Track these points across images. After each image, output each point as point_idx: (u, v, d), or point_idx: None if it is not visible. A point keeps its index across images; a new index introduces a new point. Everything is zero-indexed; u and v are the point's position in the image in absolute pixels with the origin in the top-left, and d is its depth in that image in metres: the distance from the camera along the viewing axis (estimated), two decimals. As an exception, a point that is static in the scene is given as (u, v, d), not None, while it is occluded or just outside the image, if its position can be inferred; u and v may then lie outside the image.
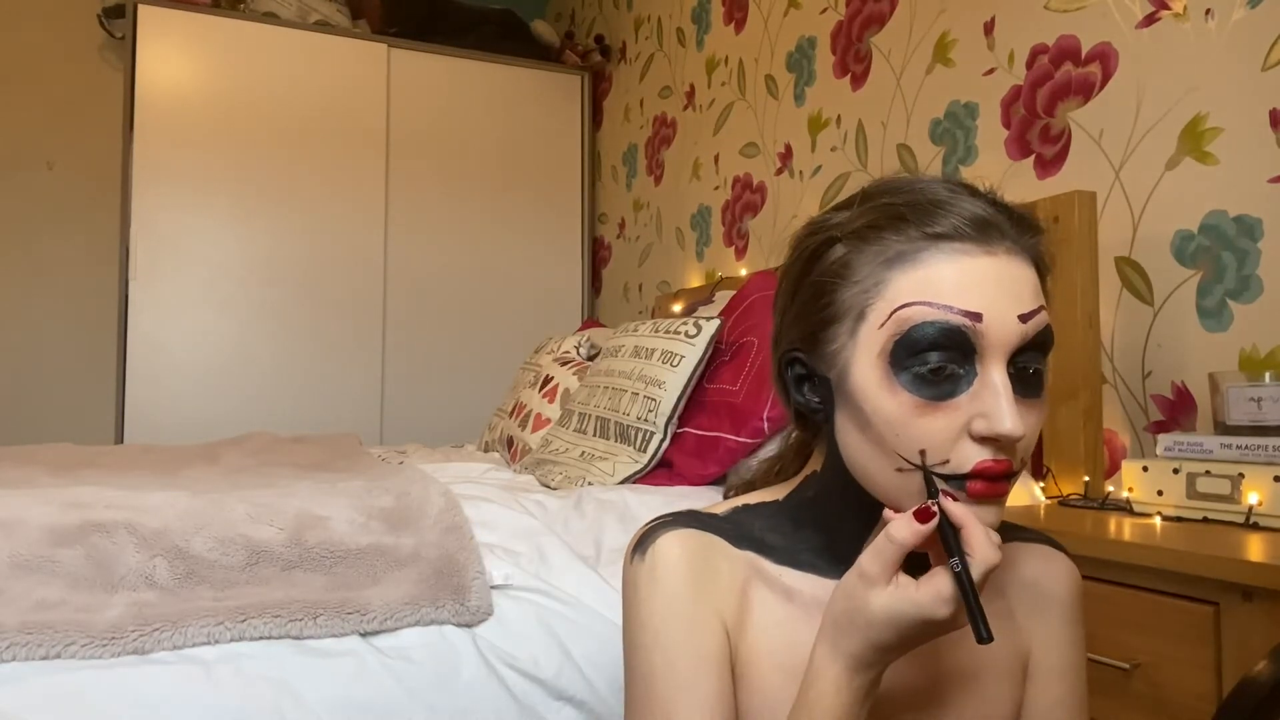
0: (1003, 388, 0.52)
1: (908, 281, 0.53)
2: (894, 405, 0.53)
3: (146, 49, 2.80)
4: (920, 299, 0.53)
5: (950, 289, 0.52)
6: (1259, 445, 1.05)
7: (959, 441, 0.53)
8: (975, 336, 0.52)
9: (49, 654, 0.86)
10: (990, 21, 1.70)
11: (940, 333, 0.52)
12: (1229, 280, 1.28)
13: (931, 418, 0.52)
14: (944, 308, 0.52)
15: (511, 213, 3.27)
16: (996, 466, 0.52)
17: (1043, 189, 1.56)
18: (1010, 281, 0.53)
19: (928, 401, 0.52)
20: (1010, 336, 0.52)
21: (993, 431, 0.51)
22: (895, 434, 0.53)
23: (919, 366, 0.52)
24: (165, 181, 2.79)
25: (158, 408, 2.75)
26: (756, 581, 0.62)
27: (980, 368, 0.53)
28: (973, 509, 0.52)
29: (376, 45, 3.10)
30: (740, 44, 2.53)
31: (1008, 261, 0.53)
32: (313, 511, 1.14)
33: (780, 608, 0.61)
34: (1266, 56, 1.24)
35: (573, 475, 1.57)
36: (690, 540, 0.61)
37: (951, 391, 0.52)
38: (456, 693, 0.98)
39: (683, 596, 0.59)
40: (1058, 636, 0.65)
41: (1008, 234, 0.54)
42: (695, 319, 1.64)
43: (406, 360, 3.08)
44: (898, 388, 0.53)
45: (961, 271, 0.53)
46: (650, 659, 0.59)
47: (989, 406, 0.52)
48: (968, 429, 0.53)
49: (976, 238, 0.53)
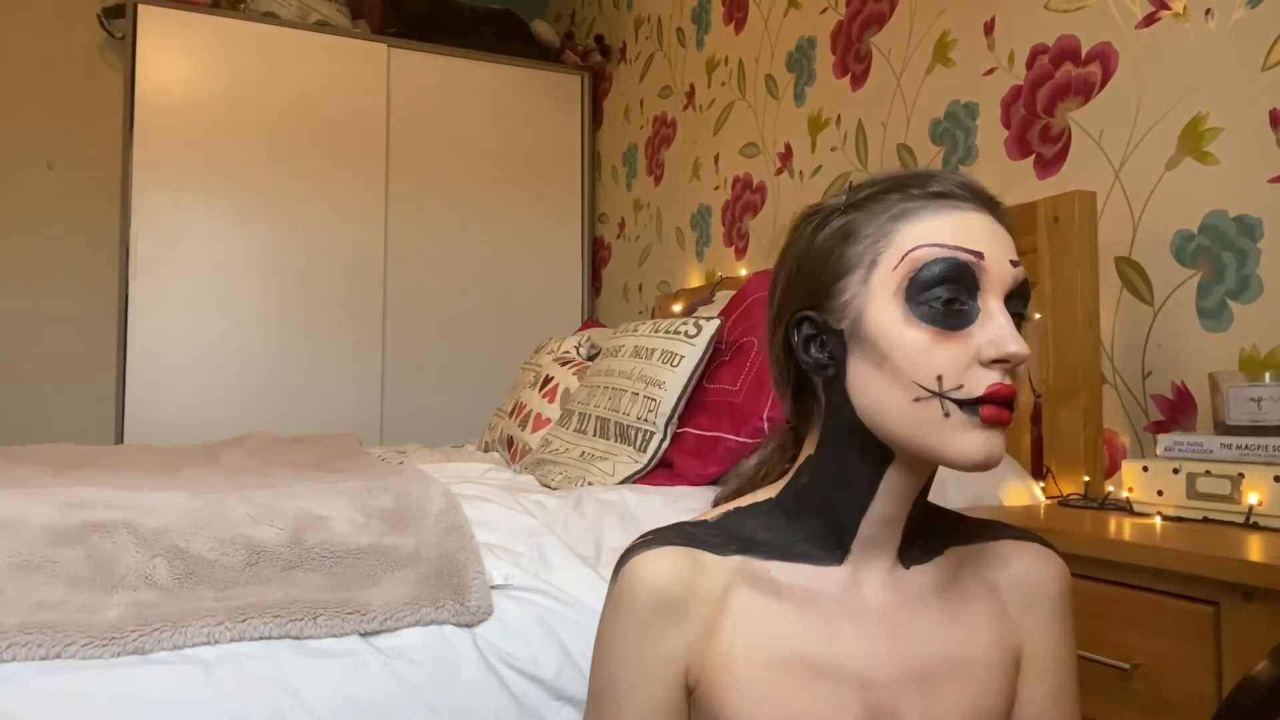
0: (1005, 317, 0.58)
1: (914, 230, 0.60)
2: (912, 337, 0.58)
3: (146, 49, 2.80)
4: (929, 242, 0.59)
5: (954, 234, 0.59)
6: (1259, 445, 1.05)
7: (970, 368, 0.58)
8: (979, 272, 0.59)
9: (49, 654, 0.86)
10: (990, 21, 1.70)
11: (950, 268, 0.58)
12: (1229, 280, 1.28)
13: (946, 346, 0.58)
14: (952, 247, 0.59)
15: (511, 213, 3.27)
16: (1005, 389, 0.57)
17: (1043, 189, 1.56)
18: (1000, 234, 0.61)
19: (943, 331, 0.58)
20: (1005, 276, 0.59)
21: (1002, 352, 0.57)
22: (914, 363, 0.58)
23: (933, 301, 0.58)
24: (165, 181, 2.79)
25: (158, 408, 2.75)
26: (740, 584, 0.63)
27: (983, 303, 0.59)
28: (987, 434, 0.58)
29: (376, 45, 3.10)
30: (740, 44, 2.53)
31: (995, 220, 0.61)
32: (313, 511, 1.14)
33: (767, 604, 0.63)
34: (1266, 56, 1.24)
35: (573, 475, 1.57)
36: (664, 561, 0.63)
37: (963, 323, 0.58)
38: (456, 693, 0.98)
39: (636, 622, 0.63)
40: (1050, 632, 0.67)
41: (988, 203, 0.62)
42: (695, 319, 1.64)
43: (406, 360, 3.08)
44: (915, 320, 0.58)
45: (962, 221, 0.60)
46: (598, 672, 0.65)
47: (996, 333, 0.58)
48: (978, 356, 0.58)
49: (970, 198, 0.61)
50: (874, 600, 0.64)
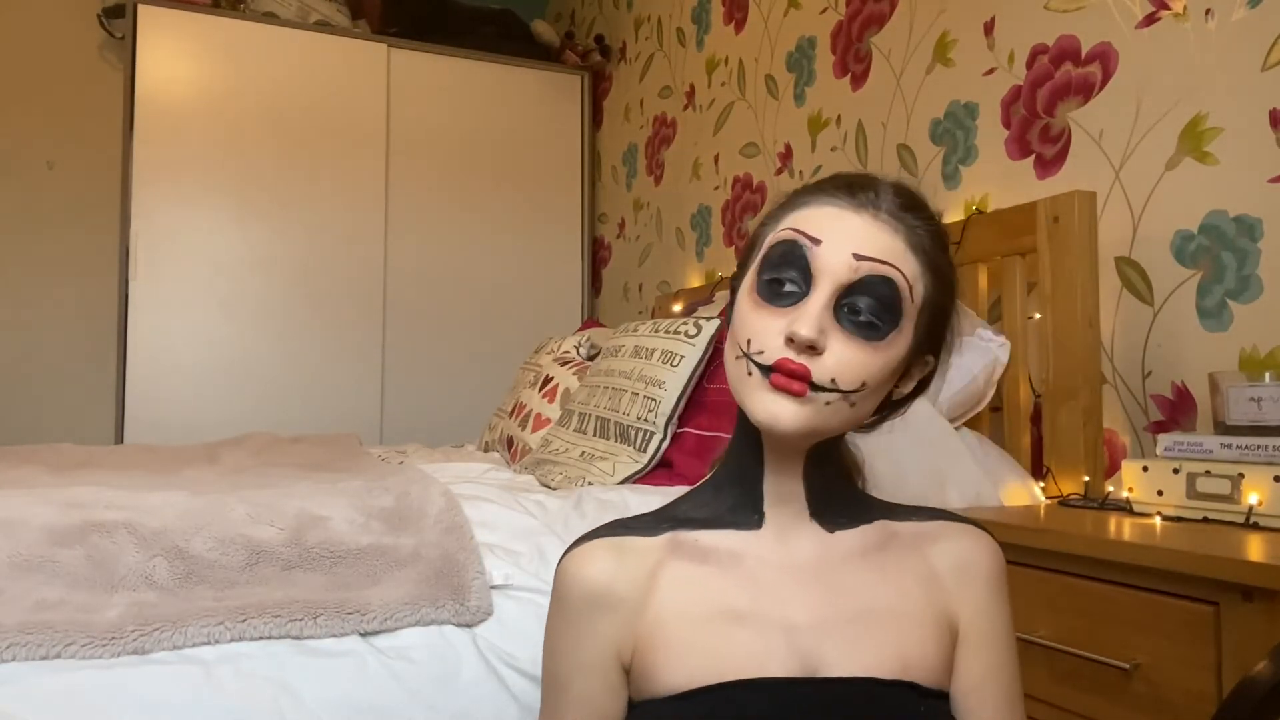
0: (817, 303, 0.63)
1: (791, 219, 0.67)
2: (747, 304, 0.66)
3: (146, 49, 2.80)
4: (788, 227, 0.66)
5: (810, 222, 0.66)
6: (1259, 445, 1.05)
7: (775, 339, 0.63)
8: (812, 256, 0.64)
9: (49, 654, 0.86)
10: (990, 21, 1.70)
11: (786, 250, 0.65)
12: (1229, 280, 1.28)
13: (763, 316, 0.65)
14: (797, 231, 0.65)
15: (511, 213, 3.27)
16: (793, 365, 0.62)
17: (1043, 189, 1.56)
18: (861, 232, 0.64)
19: (764, 303, 0.65)
20: (839, 267, 0.63)
21: (790, 330, 0.62)
22: (739, 325, 0.66)
23: (768, 274, 0.65)
24: (165, 181, 2.79)
25: (158, 408, 2.75)
26: (669, 558, 0.70)
27: (813, 288, 0.64)
28: (774, 397, 0.63)
29: (376, 45, 3.10)
30: (740, 44, 2.53)
31: (869, 221, 0.65)
32: (313, 511, 1.14)
33: (694, 569, 0.69)
34: (1266, 56, 1.24)
35: (573, 475, 1.58)
36: (590, 554, 0.70)
37: (785, 302, 0.64)
38: (456, 693, 0.98)
39: (572, 614, 0.70)
40: (985, 606, 0.70)
41: (882, 208, 0.65)
42: (695, 319, 1.64)
43: (406, 360, 3.08)
44: (754, 289, 0.66)
45: (825, 214, 0.66)
46: (545, 667, 0.73)
47: (798, 313, 0.63)
48: (784, 331, 0.63)
49: (850, 198, 0.66)
50: (799, 557, 0.69)
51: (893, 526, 0.72)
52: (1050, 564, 1.04)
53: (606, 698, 0.69)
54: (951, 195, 1.76)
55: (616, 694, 0.69)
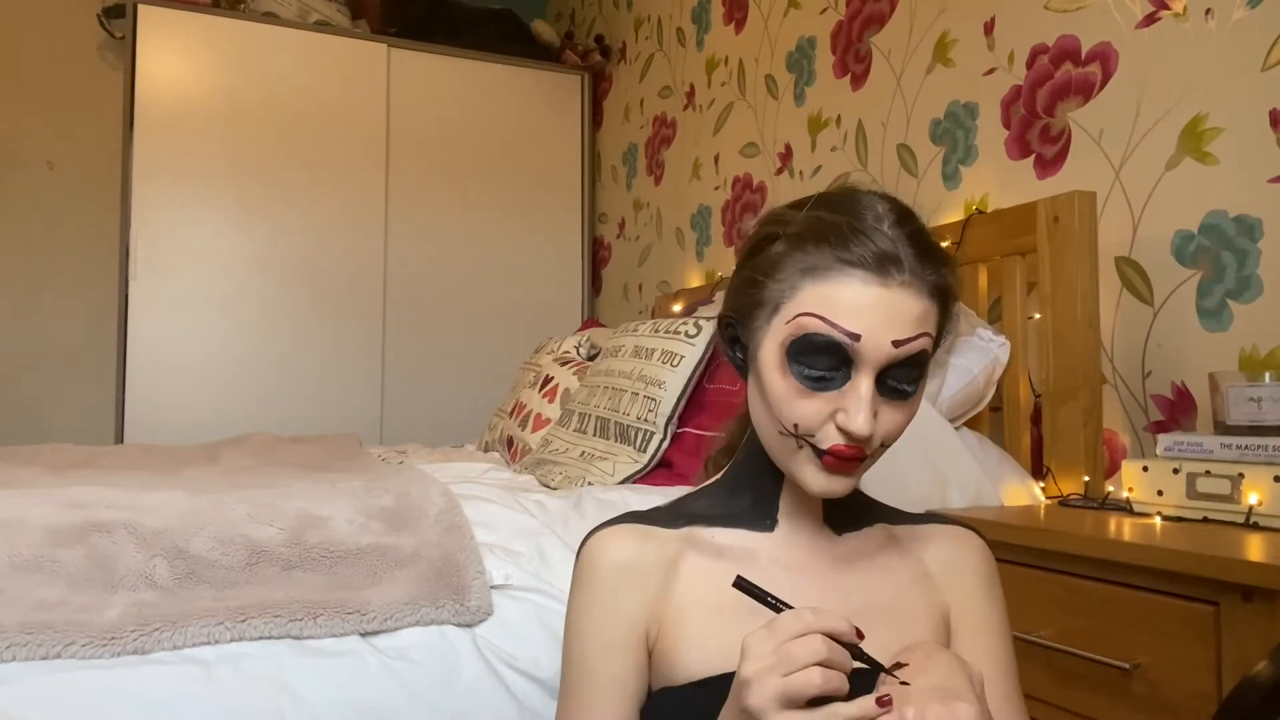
0: (864, 396, 0.64)
1: (813, 293, 0.65)
2: (783, 385, 0.66)
3: (146, 49, 2.80)
4: (818, 311, 0.64)
5: (842, 309, 0.63)
6: (1259, 445, 1.05)
7: (826, 423, 0.65)
8: (852, 351, 0.63)
9: (49, 654, 0.86)
10: (990, 21, 1.70)
11: (825, 343, 0.64)
12: (1229, 280, 1.28)
13: (808, 401, 0.65)
14: (833, 325, 0.63)
15: (511, 212, 3.27)
16: (848, 450, 0.65)
17: (1043, 189, 1.56)
18: (894, 312, 0.64)
19: (807, 389, 0.65)
20: (881, 355, 0.63)
21: (847, 428, 0.64)
22: (780, 407, 0.66)
23: (805, 367, 0.65)
24: (165, 181, 2.79)
25: (158, 408, 2.75)
26: (689, 550, 0.72)
27: (854, 374, 0.64)
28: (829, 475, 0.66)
29: (376, 45, 3.10)
30: (740, 44, 2.53)
31: (899, 294, 0.64)
32: (313, 511, 1.14)
33: (711, 564, 0.72)
34: (1266, 56, 1.24)
35: (573, 475, 1.57)
36: (617, 537, 0.73)
37: (827, 386, 0.65)
38: (456, 693, 0.98)
39: (600, 594, 0.71)
40: (974, 597, 0.74)
41: (906, 269, 0.64)
42: (695, 319, 1.64)
43: (406, 360, 3.08)
44: (788, 373, 0.66)
45: (855, 296, 0.64)
46: (569, 648, 0.72)
47: (850, 406, 0.64)
48: (833, 416, 0.65)
49: (875, 270, 0.64)
50: (807, 558, 0.73)
51: (891, 530, 0.77)
52: (1050, 564, 1.04)
53: (634, 678, 0.70)
54: (951, 195, 1.76)
55: (642, 675, 0.71)
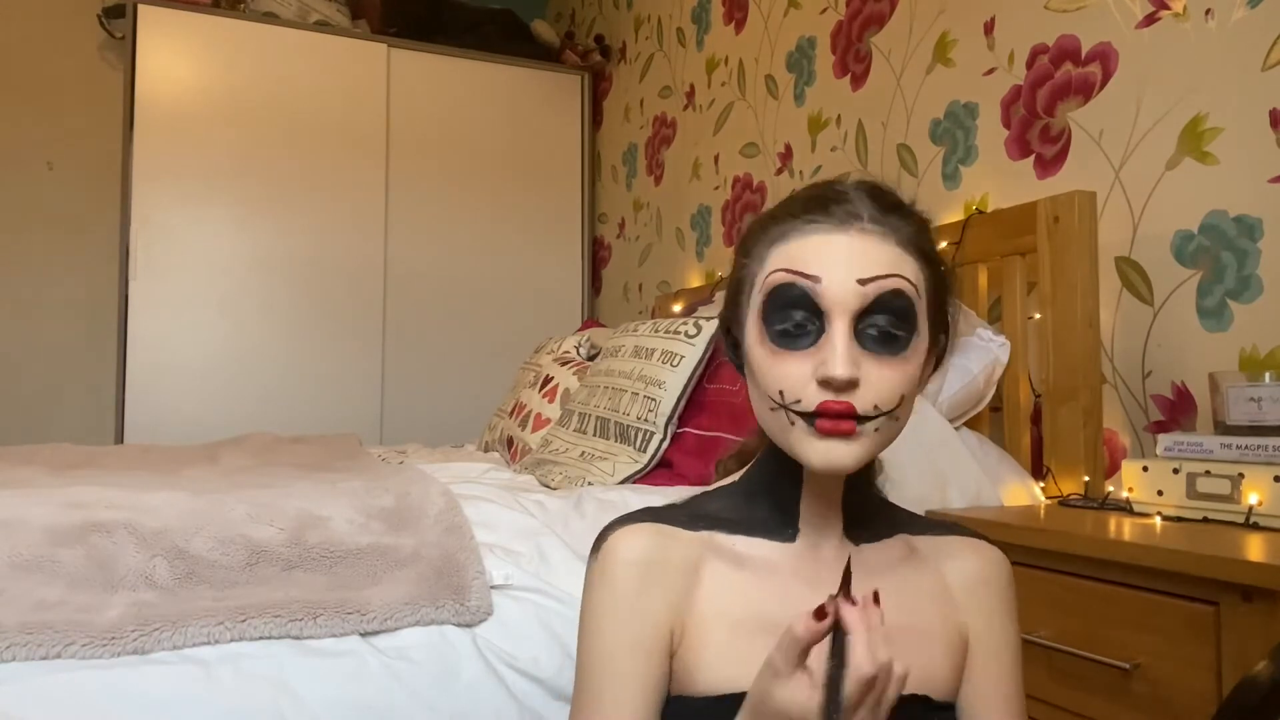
0: (839, 339, 0.62)
1: (778, 256, 0.65)
2: (762, 353, 0.65)
3: (146, 49, 2.80)
4: (779, 267, 0.64)
5: (801, 258, 0.64)
6: (1259, 445, 1.05)
7: (809, 384, 0.63)
8: (816, 295, 0.62)
9: (49, 654, 0.86)
10: (990, 21, 1.70)
11: (791, 294, 0.63)
12: (1229, 280, 1.28)
13: (786, 362, 0.63)
14: (793, 272, 0.63)
15: (511, 212, 3.27)
16: (836, 405, 0.62)
17: (1043, 189, 1.56)
18: (857, 254, 0.63)
19: (783, 350, 0.64)
20: (848, 297, 0.62)
21: (824, 374, 0.61)
22: (762, 377, 0.65)
23: (777, 322, 0.64)
24: (165, 181, 2.79)
25: (158, 408, 2.75)
26: (709, 555, 0.70)
27: (827, 324, 0.63)
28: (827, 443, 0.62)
29: (376, 45, 3.10)
30: (740, 44, 2.53)
31: (860, 238, 0.64)
32: (313, 511, 1.14)
33: (732, 573, 0.69)
34: (1266, 56, 1.24)
35: (573, 475, 1.57)
36: (639, 535, 0.70)
37: (801, 341, 0.63)
38: (456, 693, 0.98)
39: (623, 591, 0.68)
40: (993, 619, 0.73)
41: (866, 218, 0.64)
42: (695, 319, 1.64)
43: (406, 360, 3.08)
44: (765, 339, 0.65)
45: (812, 245, 0.64)
46: (589, 646, 0.69)
47: (825, 354, 0.62)
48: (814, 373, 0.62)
49: (830, 218, 0.64)
50: (827, 572, 0.70)
51: (912, 541, 0.74)
52: (1050, 564, 1.04)
53: (658, 679, 0.67)
54: (951, 195, 1.76)
55: (665, 678, 0.68)
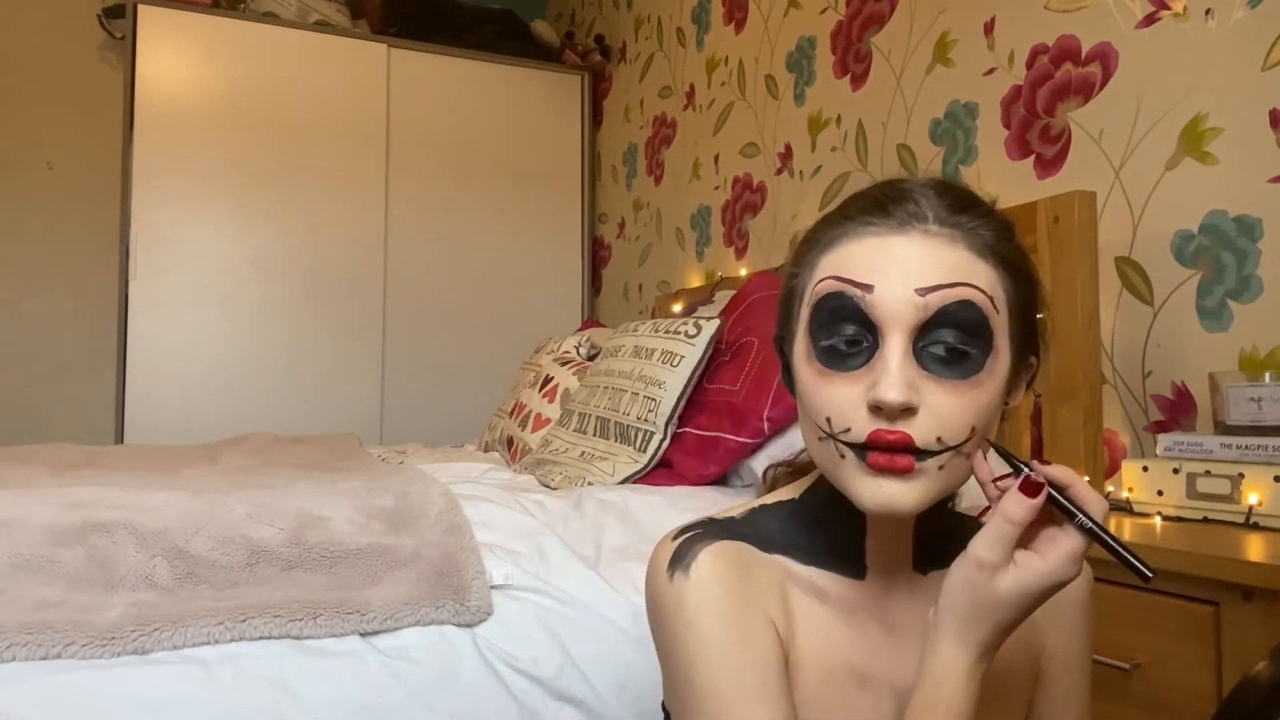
0: (894, 358, 0.53)
1: (827, 263, 0.57)
2: (809, 374, 0.57)
3: (146, 49, 2.80)
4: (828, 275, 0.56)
5: (853, 264, 0.55)
6: (1259, 445, 1.05)
7: (859, 410, 0.54)
8: (868, 307, 0.54)
9: (49, 654, 0.86)
10: (990, 21, 1.70)
11: (841, 306, 0.55)
12: (1229, 280, 1.28)
13: (833, 385, 0.55)
14: (842, 280, 0.55)
15: (511, 212, 3.27)
16: (888, 435, 0.53)
17: (1043, 189, 1.56)
18: (916, 259, 0.54)
19: (831, 370, 0.56)
20: (904, 309, 0.54)
21: (875, 398, 0.53)
22: (809, 401, 0.57)
23: (824, 338, 0.56)
24: (165, 181, 2.79)
25: (158, 408, 2.75)
26: (790, 584, 0.62)
27: (881, 340, 0.54)
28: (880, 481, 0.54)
29: (376, 45, 3.10)
30: (740, 44, 2.53)
31: (922, 242, 0.55)
32: (313, 511, 1.14)
33: (816, 608, 0.62)
34: (1266, 56, 1.24)
35: (573, 475, 1.58)
36: (729, 550, 0.61)
37: (852, 361, 0.55)
38: (456, 693, 0.98)
39: (736, 606, 0.59)
40: (1069, 633, 0.67)
41: (930, 218, 0.56)
42: (695, 319, 1.64)
43: (406, 360, 3.08)
44: (812, 357, 0.57)
45: (866, 249, 0.55)
46: (715, 671, 0.57)
47: (877, 375, 0.54)
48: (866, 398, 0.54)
49: (887, 218, 0.56)
50: (901, 611, 0.63)
51: None
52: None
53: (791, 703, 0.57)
54: (951, 195, 1.76)
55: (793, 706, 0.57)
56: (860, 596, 0.63)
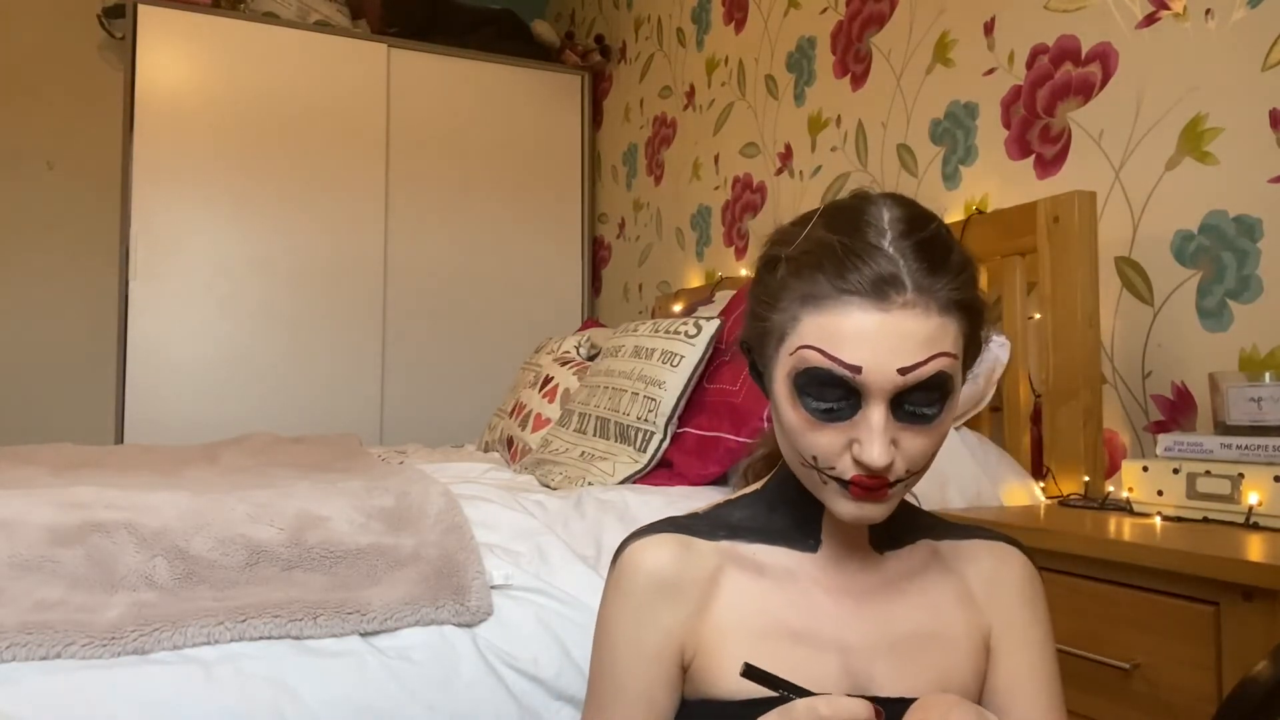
0: (876, 427, 0.60)
1: (812, 324, 0.62)
2: (795, 417, 0.64)
3: (146, 49, 2.80)
4: (816, 344, 0.61)
5: (841, 340, 0.60)
6: (1259, 445, 1.05)
7: (844, 453, 0.62)
8: (855, 383, 0.60)
9: (49, 654, 0.86)
10: (990, 21, 1.70)
11: (828, 377, 0.61)
12: (1229, 280, 1.28)
13: (821, 433, 0.63)
14: (831, 359, 0.60)
15: (511, 212, 3.27)
16: (870, 481, 0.62)
17: (1043, 189, 1.56)
18: (897, 337, 0.60)
19: (818, 421, 0.62)
20: (887, 384, 0.60)
21: (861, 459, 0.61)
22: (796, 439, 0.64)
23: (813, 399, 0.62)
24: (165, 181, 2.79)
25: (158, 408, 2.75)
26: (729, 565, 0.70)
27: (864, 404, 0.61)
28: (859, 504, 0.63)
29: (376, 45, 3.10)
30: (740, 44, 2.53)
31: (901, 317, 0.60)
32: (313, 511, 1.14)
33: (752, 582, 0.70)
34: (1266, 56, 1.24)
35: (573, 475, 1.58)
36: (657, 546, 0.70)
37: (837, 417, 0.62)
38: (456, 693, 0.98)
39: (634, 604, 0.69)
40: (1017, 615, 0.72)
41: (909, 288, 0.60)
42: (695, 319, 1.64)
43: (406, 360, 3.08)
44: (798, 405, 0.63)
45: (854, 326, 0.60)
46: (601, 656, 0.70)
47: (864, 438, 0.61)
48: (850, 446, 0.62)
49: (873, 295, 0.60)
50: (850, 581, 0.70)
51: (935, 546, 0.74)
52: (1050, 564, 1.04)
53: (665, 692, 0.69)
54: (951, 195, 1.76)
55: (674, 690, 0.69)
56: (807, 566, 0.70)
